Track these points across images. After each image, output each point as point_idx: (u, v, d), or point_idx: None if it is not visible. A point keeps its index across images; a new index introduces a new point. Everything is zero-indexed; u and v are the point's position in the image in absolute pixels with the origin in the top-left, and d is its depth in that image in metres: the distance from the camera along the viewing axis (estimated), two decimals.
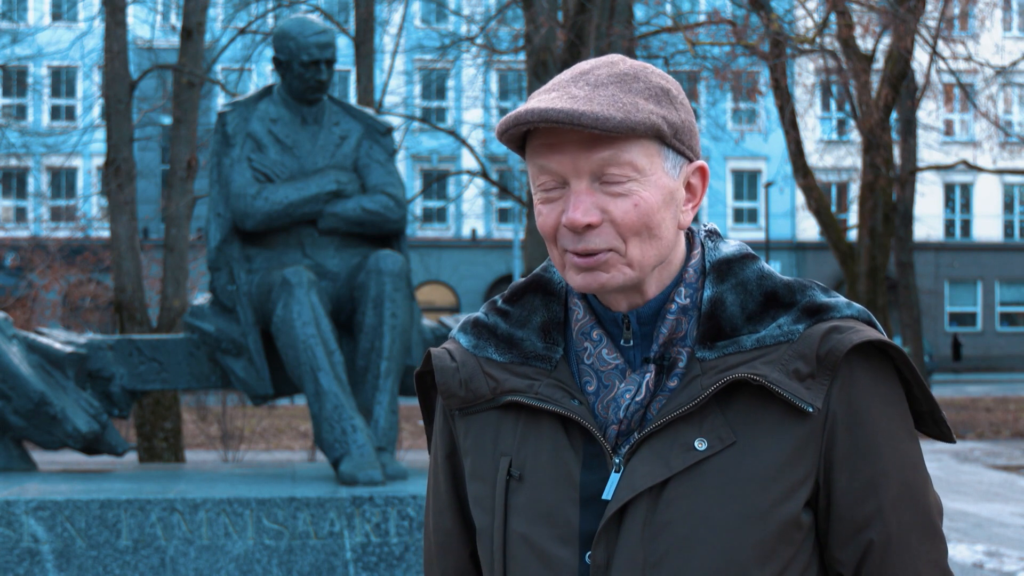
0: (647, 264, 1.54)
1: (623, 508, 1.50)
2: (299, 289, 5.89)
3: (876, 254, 18.59)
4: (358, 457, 5.62)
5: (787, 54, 15.62)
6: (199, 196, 11.46)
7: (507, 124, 1.52)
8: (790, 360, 1.51)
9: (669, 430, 1.51)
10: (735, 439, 1.50)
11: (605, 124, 1.47)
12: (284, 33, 6.37)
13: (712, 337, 1.54)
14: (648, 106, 1.51)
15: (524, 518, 1.56)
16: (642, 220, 1.51)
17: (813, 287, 1.58)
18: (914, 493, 1.55)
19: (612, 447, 1.54)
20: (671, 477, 1.49)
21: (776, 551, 1.49)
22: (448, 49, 16.88)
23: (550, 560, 1.53)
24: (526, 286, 1.67)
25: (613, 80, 1.53)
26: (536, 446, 1.57)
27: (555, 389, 1.57)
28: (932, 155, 29.31)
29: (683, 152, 1.55)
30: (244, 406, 13.75)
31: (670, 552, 1.48)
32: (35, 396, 6.14)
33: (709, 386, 1.51)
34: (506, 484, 1.58)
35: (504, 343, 1.64)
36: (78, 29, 19.10)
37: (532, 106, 1.50)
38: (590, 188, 1.52)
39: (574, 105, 1.48)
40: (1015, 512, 10.98)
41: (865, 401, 1.53)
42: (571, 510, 1.53)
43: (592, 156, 1.50)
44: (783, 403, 1.50)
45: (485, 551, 1.61)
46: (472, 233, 38.73)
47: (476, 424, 1.63)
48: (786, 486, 1.50)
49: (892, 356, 1.55)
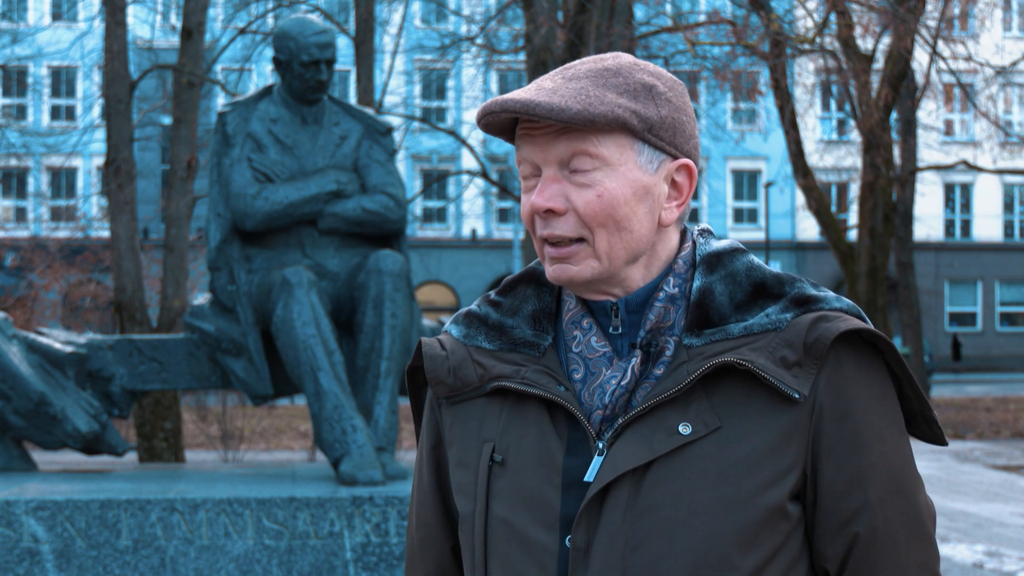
0: (616, 257, 1.54)
1: (605, 491, 1.50)
2: (299, 289, 5.89)
3: (876, 254, 18.58)
4: (358, 457, 5.63)
5: (787, 54, 15.61)
6: (199, 196, 11.45)
7: (479, 113, 1.56)
8: (777, 348, 1.51)
9: (654, 414, 1.51)
10: (720, 424, 1.50)
11: (560, 115, 1.49)
12: (284, 33, 6.37)
13: (700, 325, 1.55)
14: (617, 100, 1.53)
15: (506, 503, 1.56)
16: (605, 211, 1.53)
17: (803, 280, 1.58)
18: (902, 489, 1.54)
19: (596, 432, 1.54)
20: (654, 460, 1.49)
21: (760, 539, 1.48)
22: (448, 49, 16.87)
23: (531, 544, 1.53)
24: (519, 278, 1.68)
25: (591, 74, 1.56)
26: (520, 431, 1.58)
27: (542, 375, 1.58)
28: (932, 155, 29.30)
29: (662, 148, 1.56)
30: (244, 406, 13.74)
31: (651, 535, 1.48)
32: (35, 396, 6.14)
33: (695, 371, 1.51)
34: (488, 469, 1.58)
35: (494, 331, 1.65)
36: (78, 29, 19.09)
37: (500, 96, 1.54)
38: (558, 175, 1.55)
39: (536, 96, 1.51)
40: (1015, 512, 10.97)
41: (853, 392, 1.52)
42: (553, 494, 1.53)
43: (558, 144, 1.53)
44: (769, 390, 1.50)
45: (466, 538, 1.61)
46: (472, 233, 38.73)
47: (462, 413, 1.64)
48: (771, 473, 1.49)
49: (882, 350, 1.55)
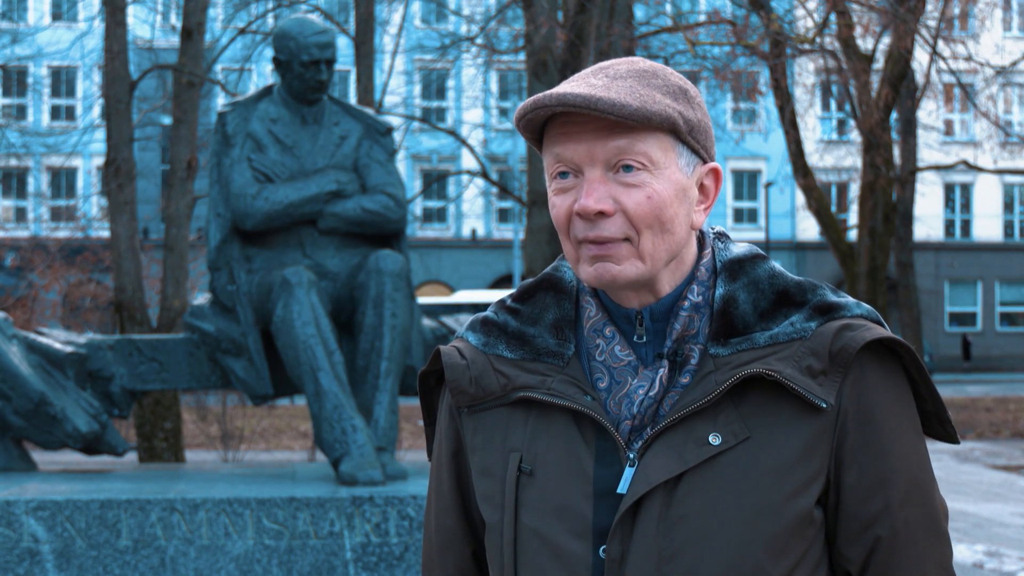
0: (659, 258, 1.54)
1: (638, 502, 1.50)
2: (299, 289, 5.89)
3: (876, 254, 18.56)
4: (358, 457, 5.62)
5: (787, 54, 15.60)
6: (199, 196, 11.45)
7: (526, 108, 1.52)
8: (803, 357, 1.52)
9: (683, 425, 1.52)
10: (749, 434, 1.51)
11: (622, 110, 1.48)
12: (284, 33, 6.37)
13: (725, 334, 1.55)
14: (665, 100, 1.53)
15: (536, 513, 1.56)
16: (654, 212, 1.52)
17: (823, 287, 1.59)
18: (922, 491, 1.56)
19: (625, 442, 1.54)
20: (686, 471, 1.50)
21: (789, 545, 1.50)
22: (448, 49, 16.86)
23: (563, 554, 1.53)
24: (536, 284, 1.67)
25: (632, 74, 1.55)
26: (548, 442, 1.57)
27: (568, 385, 1.57)
28: (932, 155, 29.29)
29: (697, 151, 1.57)
30: (244, 406, 13.74)
31: (685, 546, 1.48)
32: (35, 396, 6.14)
33: (723, 381, 1.51)
34: (516, 479, 1.58)
35: (515, 340, 1.64)
36: (78, 29, 19.09)
37: (551, 91, 1.51)
38: (604, 177, 1.53)
39: (592, 91, 1.49)
40: (1015, 512, 10.97)
41: (876, 398, 1.54)
42: (585, 504, 1.53)
43: (608, 144, 1.51)
44: (796, 399, 1.51)
45: (494, 547, 1.60)
46: (472, 233, 38.72)
47: (485, 421, 1.63)
48: (799, 481, 1.50)
49: (901, 355, 1.56)
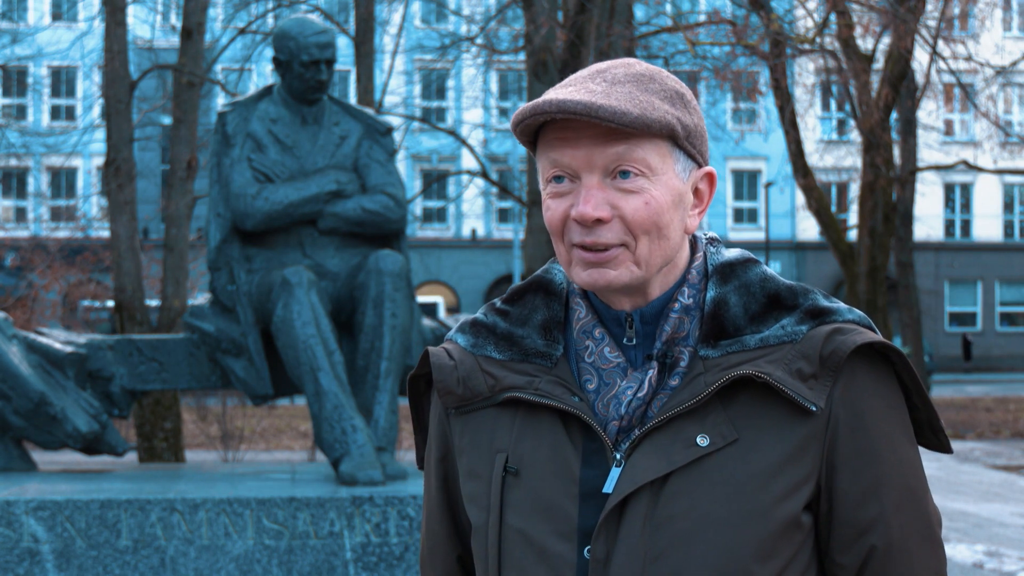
0: (654, 264, 1.54)
1: (624, 503, 1.50)
2: (299, 289, 5.89)
3: (876, 254, 18.56)
4: (358, 457, 5.62)
5: (787, 54, 15.60)
6: (199, 196, 11.45)
7: (524, 114, 1.52)
8: (793, 360, 1.52)
9: (671, 426, 1.51)
10: (737, 436, 1.50)
11: (623, 118, 1.47)
12: (284, 33, 6.37)
13: (715, 336, 1.55)
14: (663, 106, 1.53)
15: (521, 513, 1.55)
16: (652, 218, 1.52)
17: (815, 291, 1.59)
18: (915, 498, 1.55)
19: (613, 443, 1.53)
20: (672, 472, 1.49)
21: (777, 549, 1.49)
22: (448, 49, 16.86)
23: (548, 555, 1.52)
24: (526, 287, 1.66)
25: (630, 79, 1.54)
26: (534, 442, 1.57)
27: (555, 386, 1.57)
28: (932, 155, 29.28)
29: (693, 156, 1.57)
30: (244, 406, 13.73)
31: (671, 547, 1.48)
32: (35, 396, 6.14)
33: (713, 383, 1.51)
34: (502, 480, 1.57)
35: (503, 341, 1.63)
36: (78, 29, 19.08)
37: (550, 97, 1.50)
38: (601, 183, 1.52)
39: (592, 98, 1.49)
40: (1015, 512, 10.97)
41: (866, 403, 1.53)
42: (570, 505, 1.53)
43: (606, 151, 1.51)
44: (786, 402, 1.51)
45: (480, 548, 1.60)
46: (472, 233, 38.72)
47: (472, 423, 1.62)
48: (788, 485, 1.50)
49: (893, 361, 1.55)
